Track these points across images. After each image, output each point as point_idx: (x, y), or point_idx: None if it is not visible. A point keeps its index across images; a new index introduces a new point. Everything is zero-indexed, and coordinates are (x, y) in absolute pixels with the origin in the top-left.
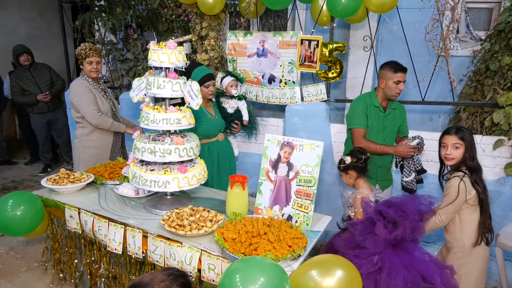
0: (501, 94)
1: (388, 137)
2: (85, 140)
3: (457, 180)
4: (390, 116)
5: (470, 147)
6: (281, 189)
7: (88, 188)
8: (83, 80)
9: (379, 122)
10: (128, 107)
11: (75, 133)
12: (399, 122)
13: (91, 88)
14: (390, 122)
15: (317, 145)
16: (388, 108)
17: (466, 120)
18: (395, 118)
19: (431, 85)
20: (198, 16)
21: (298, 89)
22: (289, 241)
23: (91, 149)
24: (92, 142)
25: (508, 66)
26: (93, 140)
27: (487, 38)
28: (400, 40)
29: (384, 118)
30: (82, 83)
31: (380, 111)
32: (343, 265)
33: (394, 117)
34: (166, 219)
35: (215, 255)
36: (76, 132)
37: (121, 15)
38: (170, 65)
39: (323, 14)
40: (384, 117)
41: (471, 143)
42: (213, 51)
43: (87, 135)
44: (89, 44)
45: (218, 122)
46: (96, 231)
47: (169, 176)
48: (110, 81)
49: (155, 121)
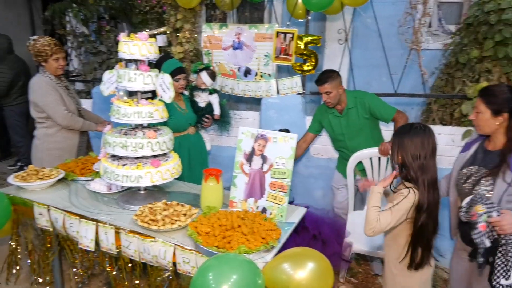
0: (469, 86)
1: (353, 135)
2: (49, 141)
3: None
4: (347, 116)
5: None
6: (256, 182)
7: (58, 185)
8: (46, 78)
9: (338, 125)
10: (101, 101)
11: (36, 134)
12: (362, 117)
13: (55, 86)
14: (349, 121)
15: (291, 138)
16: (344, 110)
17: (436, 112)
18: (354, 115)
19: (405, 78)
20: (172, 8)
21: (274, 82)
22: (262, 233)
23: (55, 150)
24: (56, 143)
25: (476, 59)
26: (57, 141)
27: (457, 32)
28: (375, 33)
29: (341, 120)
30: (46, 81)
31: (336, 115)
32: (315, 258)
33: (352, 115)
34: (139, 214)
35: (189, 249)
36: (37, 132)
37: (93, 6)
38: (141, 57)
39: (298, 7)
40: (341, 119)
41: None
42: (188, 44)
43: (51, 135)
44: (49, 38)
45: (189, 116)
46: (67, 228)
47: (141, 170)
48: (82, 74)
49: (126, 114)
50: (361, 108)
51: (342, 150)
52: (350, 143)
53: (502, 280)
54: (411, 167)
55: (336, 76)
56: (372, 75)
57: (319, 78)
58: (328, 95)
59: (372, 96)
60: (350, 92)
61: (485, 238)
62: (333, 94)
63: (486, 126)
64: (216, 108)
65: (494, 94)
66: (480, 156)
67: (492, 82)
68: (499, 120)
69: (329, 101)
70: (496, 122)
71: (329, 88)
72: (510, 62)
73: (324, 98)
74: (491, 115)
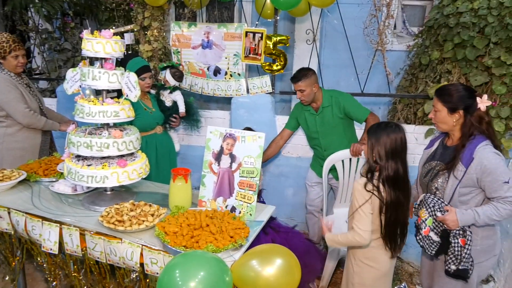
0: (431, 87)
1: (326, 133)
2: (9, 141)
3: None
4: (322, 114)
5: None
6: (224, 181)
7: (20, 187)
8: (5, 75)
9: (313, 123)
10: (66, 100)
11: None
12: (336, 116)
13: (15, 83)
14: (324, 120)
15: (259, 136)
16: (320, 108)
17: (401, 111)
18: (329, 113)
19: (372, 78)
20: (140, 5)
21: (244, 81)
22: (231, 231)
23: (16, 150)
24: (17, 143)
25: (437, 60)
26: (18, 140)
27: (419, 34)
28: (342, 34)
29: (316, 118)
30: (5, 78)
31: (312, 113)
32: (282, 254)
33: (327, 113)
34: (105, 215)
35: (156, 249)
36: None
37: (57, 1)
38: (105, 55)
39: (267, 6)
40: (316, 117)
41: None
42: (157, 42)
43: (11, 135)
44: (8, 34)
45: (156, 115)
46: (29, 231)
47: (107, 171)
48: (46, 72)
49: (91, 114)
50: (336, 107)
51: (316, 148)
52: (323, 141)
53: (452, 265)
54: (384, 165)
55: (310, 75)
56: (341, 75)
57: (294, 75)
58: (302, 92)
59: (348, 96)
60: (326, 91)
61: (433, 234)
62: (307, 92)
63: (444, 123)
64: (181, 105)
65: (449, 93)
66: (439, 151)
67: (452, 82)
68: (455, 117)
69: (303, 99)
70: (453, 119)
71: (303, 86)
72: (468, 64)
73: (298, 96)
74: (447, 113)
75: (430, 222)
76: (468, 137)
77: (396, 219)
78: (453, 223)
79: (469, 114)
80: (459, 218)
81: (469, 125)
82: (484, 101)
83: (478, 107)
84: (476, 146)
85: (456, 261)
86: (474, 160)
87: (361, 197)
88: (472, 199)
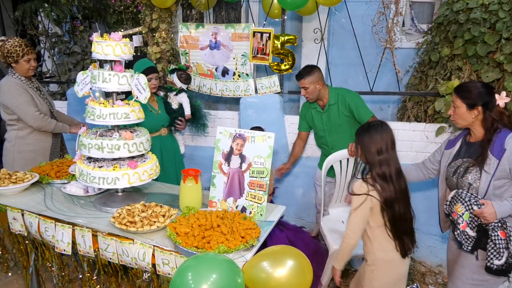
0: (441, 84)
1: (332, 131)
2: (20, 143)
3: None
4: (328, 112)
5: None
6: (235, 181)
7: (33, 189)
8: (16, 79)
9: (319, 121)
10: (76, 103)
11: (7, 136)
12: (342, 114)
13: (26, 87)
14: (330, 118)
15: (269, 137)
16: (326, 106)
17: (411, 109)
18: (335, 111)
19: (381, 76)
20: (147, 7)
21: (252, 81)
22: (242, 232)
23: (27, 153)
24: (28, 145)
25: (447, 57)
26: (29, 143)
27: (428, 31)
28: (350, 32)
29: (323, 116)
30: (16, 82)
31: (318, 111)
32: (294, 256)
33: (333, 111)
34: (117, 217)
35: (168, 250)
36: (8, 135)
37: (66, 6)
38: (115, 57)
39: (274, 6)
40: (323, 115)
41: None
42: (165, 44)
43: (22, 138)
44: (19, 39)
45: (161, 117)
46: (42, 232)
47: (118, 172)
48: (56, 75)
49: (102, 116)
50: (342, 105)
51: (323, 147)
52: (330, 139)
53: (495, 261)
54: (375, 163)
55: (314, 72)
56: (349, 74)
57: (299, 72)
58: (305, 90)
59: (355, 95)
60: (333, 89)
61: (469, 229)
62: (311, 89)
63: (463, 119)
64: (186, 108)
65: (468, 90)
66: (464, 149)
67: (463, 80)
68: (474, 113)
69: (307, 96)
70: (472, 115)
71: (306, 83)
72: (479, 60)
73: (302, 93)
74: (466, 109)
75: (467, 216)
76: (493, 131)
77: (397, 213)
78: (491, 215)
79: (488, 110)
80: (496, 209)
81: (490, 120)
82: (503, 98)
83: (497, 104)
84: (505, 137)
85: (499, 255)
86: (506, 150)
87: (356, 199)
88: (506, 191)
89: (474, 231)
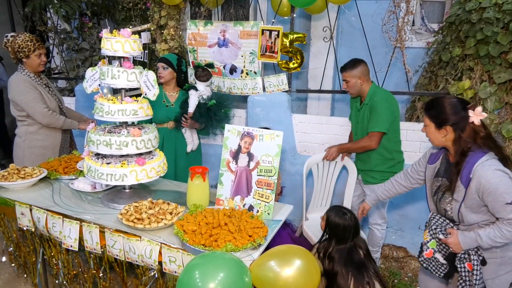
0: (452, 84)
1: (359, 132)
2: (31, 139)
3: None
4: (362, 111)
5: None
6: (242, 180)
7: (41, 184)
8: (24, 76)
9: (355, 116)
10: (84, 99)
11: (17, 132)
12: (367, 117)
13: (34, 84)
14: (360, 117)
15: (277, 135)
16: (362, 104)
17: (420, 110)
18: (365, 112)
19: (390, 75)
20: (156, 4)
21: (260, 79)
22: (249, 230)
23: (37, 148)
24: (38, 141)
25: (459, 57)
26: (39, 139)
27: (439, 30)
28: (360, 31)
29: (358, 113)
30: (24, 79)
31: (357, 106)
32: (301, 255)
33: (364, 111)
34: (124, 213)
35: (175, 247)
36: (19, 130)
37: (75, 2)
38: (124, 54)
39: (283, 4)
40: (358, 112)
41: None
42: (173, 41)
43: (32, 133)
44: (29, 34)
45: (171, 110)
46: (50, 228)
47: (126, 169)
48: (64, 71)
49: (110, 112)
50: (368, 109)
51: None
52: (356, 139)
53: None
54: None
55: (358, 66)
56: None
57: (344, 65)
58: (346, 83)
59: (383, 102)
60: (373, 89)
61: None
62: (351, 83)
63: (434, 139)
64: (191, 105)
65: (435, 107)
66: (443, 167)
67: (474, 80)
68: (443, 133)
69: (348, 90)
70: (441, 135)
71: (347, 77)
72: (491, 60)
73: (343, 86)
74: (435, 128)
75: (433, 244)
76: (462, 155)
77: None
78: (455, 246)
79: (459, 130)
80: (461, 241)
81: (460, 142)
82: (477, 114)
83: (471, 121)
84: (474, 163)
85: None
86: (472, 179)
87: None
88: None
89: (444, 258)
